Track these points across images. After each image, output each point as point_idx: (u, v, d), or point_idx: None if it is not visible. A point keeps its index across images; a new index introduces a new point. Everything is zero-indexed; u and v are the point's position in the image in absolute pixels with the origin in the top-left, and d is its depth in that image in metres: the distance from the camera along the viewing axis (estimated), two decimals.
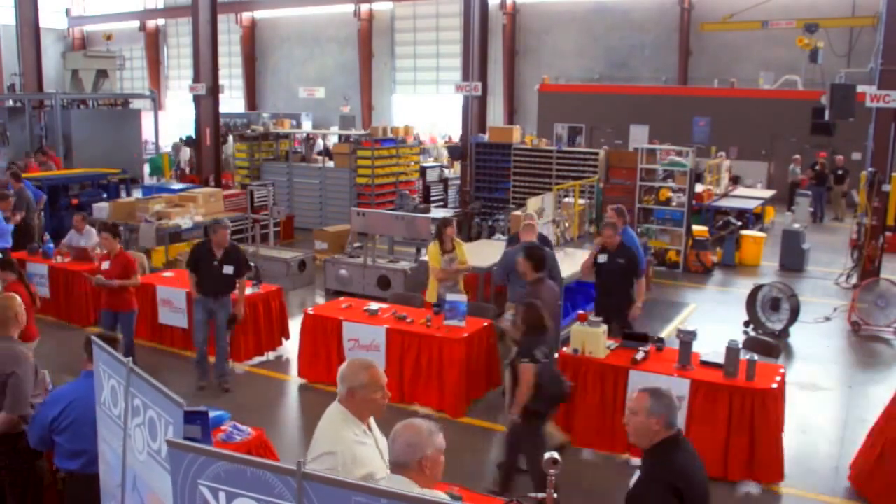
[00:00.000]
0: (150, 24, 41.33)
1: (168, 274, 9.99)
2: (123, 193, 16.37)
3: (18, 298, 4.98)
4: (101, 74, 31.43)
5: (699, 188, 15.43)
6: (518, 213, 12.37)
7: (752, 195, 18.32)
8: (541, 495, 3.52)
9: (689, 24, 27.88)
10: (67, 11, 41.78)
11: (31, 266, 10.22)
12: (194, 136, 18.94)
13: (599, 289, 7.87)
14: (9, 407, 4.52)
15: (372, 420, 3.75)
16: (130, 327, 7.89)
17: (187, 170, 23.13)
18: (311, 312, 8.30)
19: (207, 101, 17.67)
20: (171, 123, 31.80)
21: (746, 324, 10.25)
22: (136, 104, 26.32)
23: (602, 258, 7.73)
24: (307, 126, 31.69)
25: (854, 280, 12.10)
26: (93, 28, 42.99)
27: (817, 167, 19.68)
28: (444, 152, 23.07)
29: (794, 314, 10.06)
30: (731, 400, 6.07)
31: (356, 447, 3.55)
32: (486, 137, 17.11)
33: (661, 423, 3.45)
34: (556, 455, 3.44)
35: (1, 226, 10.10)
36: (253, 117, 30.18)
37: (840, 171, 19.53)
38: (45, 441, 4.35)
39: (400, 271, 11.24)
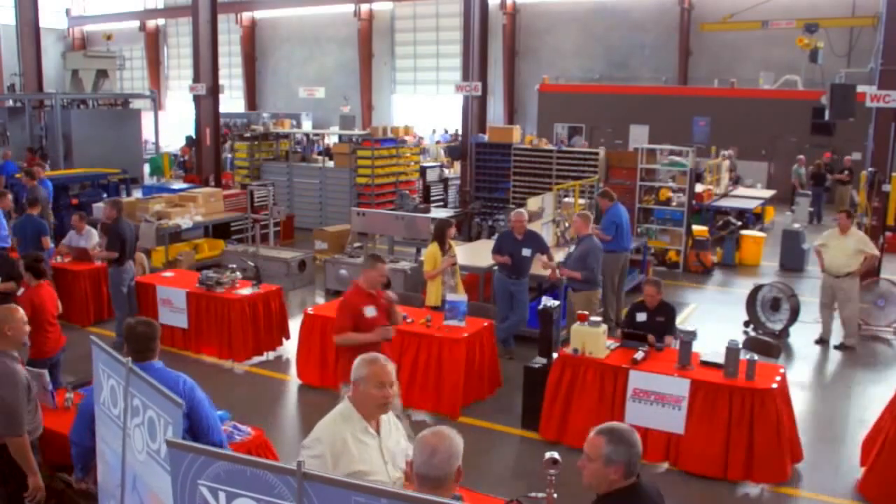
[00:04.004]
0: (150, 24, 41.32)
1: (168, 274, 9.99)
2: (123, 193, 16.37)
3: (20, 311, 4.79)
4: (101, 74, 31.43)
5: (699, 188, 15.43)
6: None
7: (752, 195, 18.31)
8: (541, 495, 3.52)
9: (689, 24, 27.88)
10: (67, 11, 41.78)
11: None
12: (194, 136, 18.96)
13: None
14: (4, 431, 4.39)
15: (385, 423, 3.70)
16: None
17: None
18: (311, 312, 8.30)
19: (207, 101, 17.67)
20: (171, 123, 31.85)
21: (746, 324, 10.25)
22: (136, 104, 26.33)
23: (641, 317, 7.24)
24: (307, 126, 31.70)
25: None
26: (93, 28, 42.99)
27: (812, 168, 19.66)
28: (440, 152, 23.06)
29: (794, 314, 10.06)
30: (731, 400, 6.07)
31: (352, 443, 3.52)
32: (486, 137, 17.11)
33: (619, 472, 3.04)
34: (555, 455, 3.44)
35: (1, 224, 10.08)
36: (253, 117, 30.19)
37: (845, 171, 19.46)
38: (93, 432, 4.22)
39: (400, 271, 11.23)
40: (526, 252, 8.68)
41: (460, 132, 26.65)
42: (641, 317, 7.26)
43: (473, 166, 16.84)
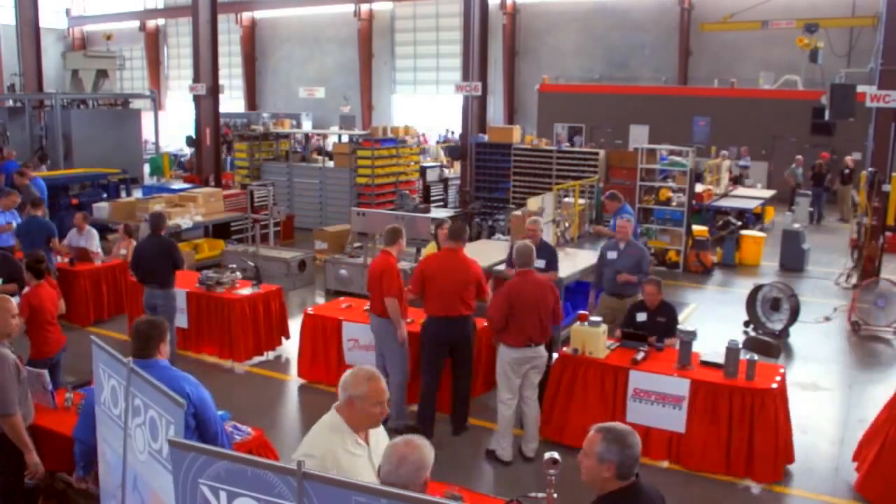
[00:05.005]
0: (150, 24, 41.34)
1: None
2: (123, 193, 16.38)
3: (10, 303, 4.85)
4: (101, 74, 31.42)
5: (699, 188, 15.43)
6: (518, 212, 12.36)
7: (752, 195, 18.32)
8: (541, 495, 3.52)
9: (689, 24, 27.90)
10: (67, 11, 41.79)
11: None
12: (194, 136, 18.96)
13: None
14: None
15: (374, 433, 3.66)
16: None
17: None
18: (311, 312, 8.31)
19: (207, 101, 17.67)
20: (171, 123, 31.84)
21: (746, 324, 10.25)
22: (136, 104, 26.34)
23: (641, 317, 7.21)
24: (307, 126, 31.71)
25: (854, 280, 12.11)
26: (93, 28, 43.00)
27: (814, 168, 19.67)
28: (441, 152, 23.09)
29: (794, 314, 10.06)
30: (731, 400, 6.07)
31: (343, 456, 3.46)
32: (486, 137, 17.11)
33: (611, 471, 3.04)
34: (555, 455, 3.44)
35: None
36: (253, 117, 30.19)
37: (847, 171, 19.45)
38: (93, 430, 4.27)
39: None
40: (539, 263, 8.41)
41: (453, 132, 26.89)
42: (642, 317, 7.23)
43: (473, 166, 16.85)
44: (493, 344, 7.95)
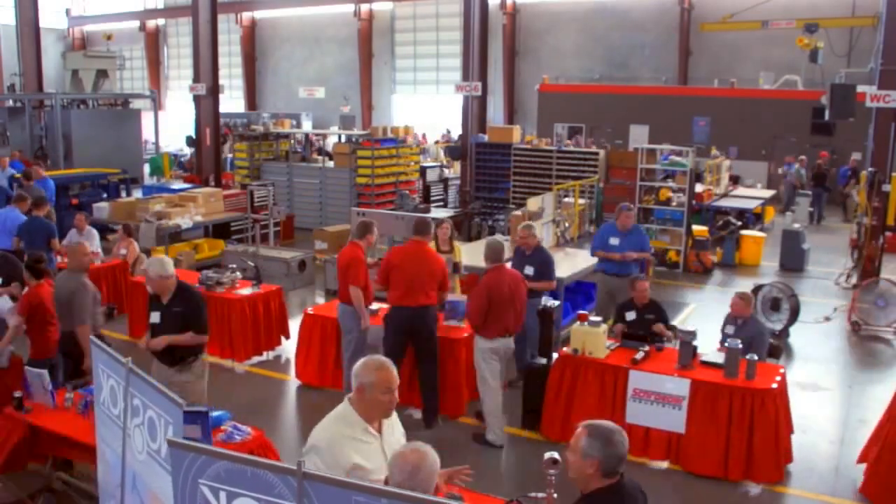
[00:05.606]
0: (150, 24, 41.32)
1: None
2: (123, 193, 16.38)
3: (82, 246, 6.26)
4: (101, 74, 31.42)
5: (699, 188, 15.43)
6: (518, 212, 12.37)
7: (752, 195, 18.31)
8: (541, 495, 3.51)
9: (689, 24, 27.88)
10: (67, 11, 41.77)
11: None
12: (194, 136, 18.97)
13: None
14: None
15: (388, 422, 3.67)
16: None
17: None
18: (311, 312, 8.31)
19: (207, 101, 17.68)
20: (171, 123, 31.84)
21: None
22: (136, 104, 26.34)
23: (630, 316, 7.32)
24: (307, 126, 31.70)
25: (854, 280, 12.11)
26: (93, 28, 42.99)
27: (815, 168, 19.68)
28: (441, 152, 23.10)
29: (794, 314, 10.06)
30: (731, 400, 6.07)
31: (351, 445, 3.48)
32: (486, 137, 17.10)
33: (594, 467, 3.02)
34: (555, 455, 3.44)
35: (6, 225, 10.02)
36: (253, 117, 30.18)
37: (849, 172, 19.45)
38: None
39: None
40: (528, 270, 7.99)
41: (451, 132, 26.83)
42: (631, 315, 7.32)
43: (473, 166, 16.85)
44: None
